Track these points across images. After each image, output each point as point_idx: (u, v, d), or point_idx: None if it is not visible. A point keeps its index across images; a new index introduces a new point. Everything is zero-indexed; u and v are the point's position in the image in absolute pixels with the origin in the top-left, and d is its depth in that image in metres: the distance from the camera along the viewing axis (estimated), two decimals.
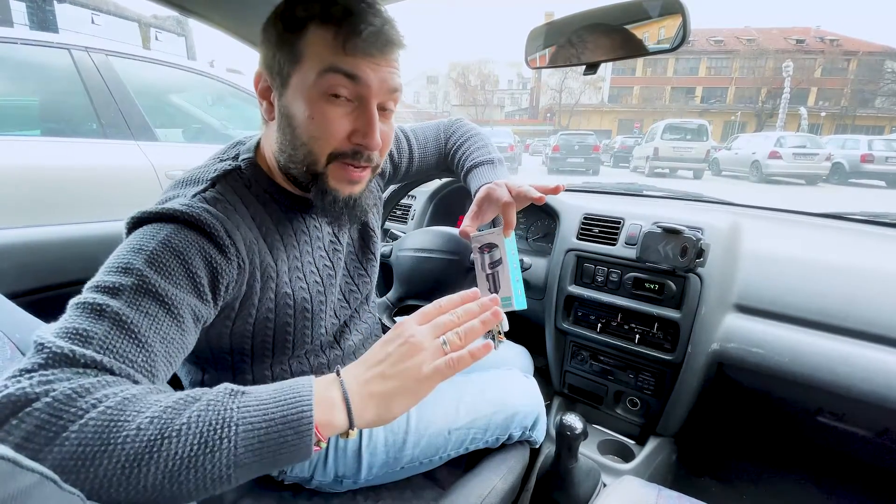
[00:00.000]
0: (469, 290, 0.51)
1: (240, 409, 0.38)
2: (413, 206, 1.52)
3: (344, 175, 0.57)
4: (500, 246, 0.73)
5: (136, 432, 0.35)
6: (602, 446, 1.15)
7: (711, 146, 13.08)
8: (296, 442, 0.38)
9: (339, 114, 0.53)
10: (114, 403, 0.36)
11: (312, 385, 0.41)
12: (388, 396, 0.43)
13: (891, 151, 11.02)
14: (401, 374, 0.43)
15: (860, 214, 1.17)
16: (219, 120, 2.58)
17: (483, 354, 0.45)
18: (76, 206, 1.72)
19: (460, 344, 0.46)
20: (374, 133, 0.55)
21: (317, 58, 0.51)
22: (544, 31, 0.93)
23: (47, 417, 0.34)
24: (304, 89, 0.52)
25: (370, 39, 0.51)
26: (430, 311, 0.48)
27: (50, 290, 1.02)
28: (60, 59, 1.81)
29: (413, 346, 0.44)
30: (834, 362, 0.83)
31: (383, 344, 0.46)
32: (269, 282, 0.58)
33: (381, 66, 0.53)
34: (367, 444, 0.69)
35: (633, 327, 1.06)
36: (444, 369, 0.44)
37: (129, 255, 0.46)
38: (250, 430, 0.37)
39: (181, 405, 0.38)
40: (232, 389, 0.40)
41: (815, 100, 27.27)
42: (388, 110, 0.58)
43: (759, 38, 28.62)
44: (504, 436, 0.80)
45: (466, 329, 0.46)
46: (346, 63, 0.51)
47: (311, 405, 0.39)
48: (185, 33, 11.06)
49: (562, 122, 31.88)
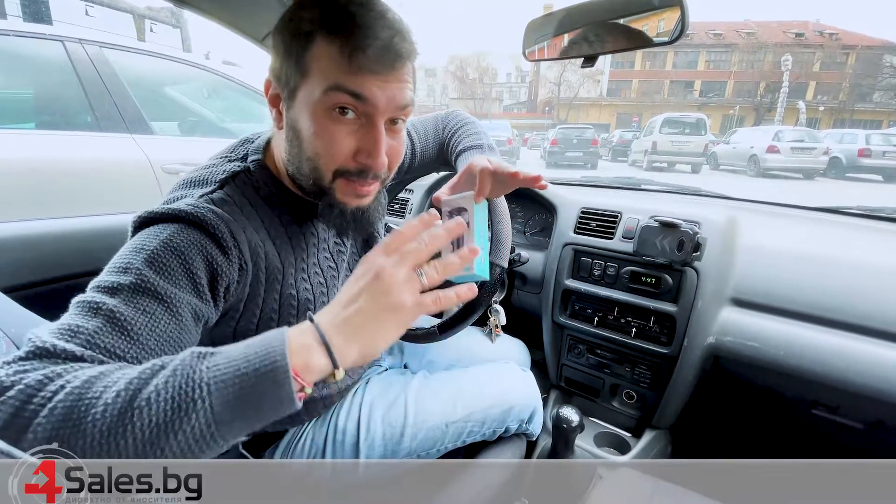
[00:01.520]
0: (425, 213, 0.49)
1: (209, 370, 0.37)
2: (411, 200, 1.51)
3: (350, 190, 0.56)
4: (469, 210, 0.68)
5: (103, 408, 0.34)
6: (598, 439, 1.15)
7: (710, 140, 13.07)
8: (275, 392, 0.37)
9: (344, 132, 0.52)
10: (79, 383, 0.36)
11: (285, 334, 0.40)
12: (369, 331, 0.42)
13: (888, 146, 11.02)
14: (380, 306, 0.42)
15: (856, 209, 1.17)
16: (215, 113, 2.56)
17: (468, 297, 0.45)
18: (71, 200, 1.70)
19: (438, 278, 0.45)
20: (380, 154, 0.53)
21: (322, 74, 0.50)
22: (543, 24, 0.92)
23: (19, 405, 0.34)
24: (309, 104, 0.51)
25: (377, 56, 0.49)
26: (393, 240, 0.46)
27: (46, 285, 1.01)
28: (54, 51, 1.79)
29: (385, 278, 0.43)
30: (828, 355, 0.84)
31: (354, 281, 0.45)
32: (274, 283, 0.58)
33: (390, 83, 0.51)
34: (365, 438, 0.69)
35: (630, 321, 1.07)
36: (430, 305, 0.44)
37: (131, 254, 0.46)
38: (223, 388, 0.36)
39: (147, 374, 0.37)
40: (199, 352, 0.39)
41: (814, 94, 27.23)
42: (397, 124, 0.56)
43: (758, 31, 28.51)
44: (501, 429, 0.81)
45: (445, 263, 0.46)
46: (351, 82, 0.49)
47: (285, 353, 0.38)
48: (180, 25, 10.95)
49: (560, 116, 31.80)
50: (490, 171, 0.68)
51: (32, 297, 0.97)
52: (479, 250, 0.69)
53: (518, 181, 0.66)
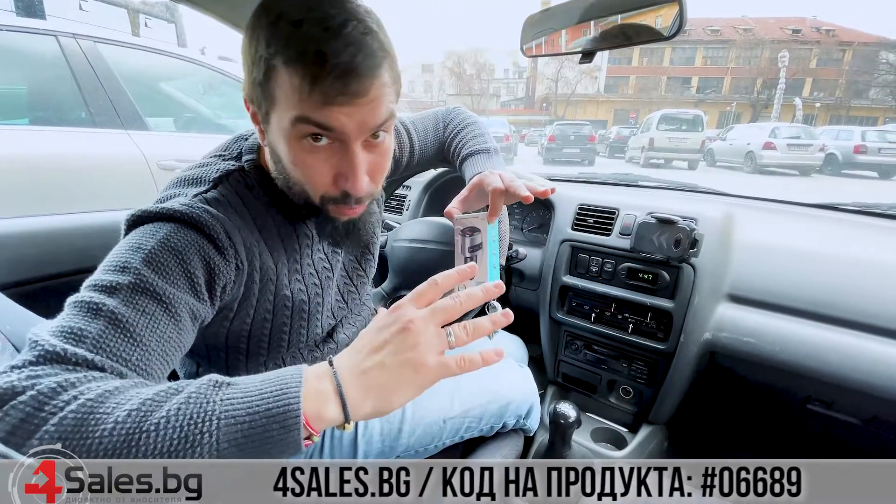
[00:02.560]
0: (465, 266, 0.47)
1: (223, 402, 0.37)
2: (408, 197, 1.51)
3: (338, 211, 0.56)
4: (483, 231, 0.72)
5: (113, 426, 0.34)
6: (595, 434, 1.16)
7: (707, 136, 13.10)
8: (282, 437, 0.37)
9: (320, 160, 0.50)
10: (94, 396, 0.36)
11: (302, 376, 0.39)
12: (387, 388, 0.40)
13: (884, 142, 11.07)
14: (402, 364, 0.41)
15: (852, 205, 1.18)
16: (211, 108, 2.55)
17: (494, 362, 0.43)
18: (66, 196, 1.69)
19: (467, 340, 0.43)
20: (359, 179, 0.50)
21: (287, 104, 0.46)
22: (541, 19, 0.92)
23: (31, 411, 0.34)
24: (283, 133, 0.49)
25: (339, 84, 0.44)
26: (426, 290, 0.45)
27: (41, 282, 1.01)
28: (48, 46, 1.77)
29: (413, 334, 0.41)
30: (823, 351, 0.84)
31: (379, 330, 0.43)
32: (268, 284, 0.58)
33: (358, 108, 0.46)
34: (363, 434, 0.70)
35: (627, 317, 1.07)
36: (454, 368, 0.42)
37: (128, 253, 0.45)
38: (233, 424, 0.36)
39: (161, 397, 0.37)
40: (216, 381, 0.39)
41: (810, 90, 27.27)
42: (379, 138, 0.52)
43: (755, 27, 28.51)
44: (499, 424, 0.81)
45: (475, 326, 0.44)
46: (316, 113, 0.46)
47: (299, 398, 0.37)
48: (175, 20, 10.84)
49: (558, 112, 31.73)
50: (501, 191, 0.70)
51: (28, 293, 0.96)
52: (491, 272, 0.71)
53: (529, 201, 0.68)
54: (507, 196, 0.71)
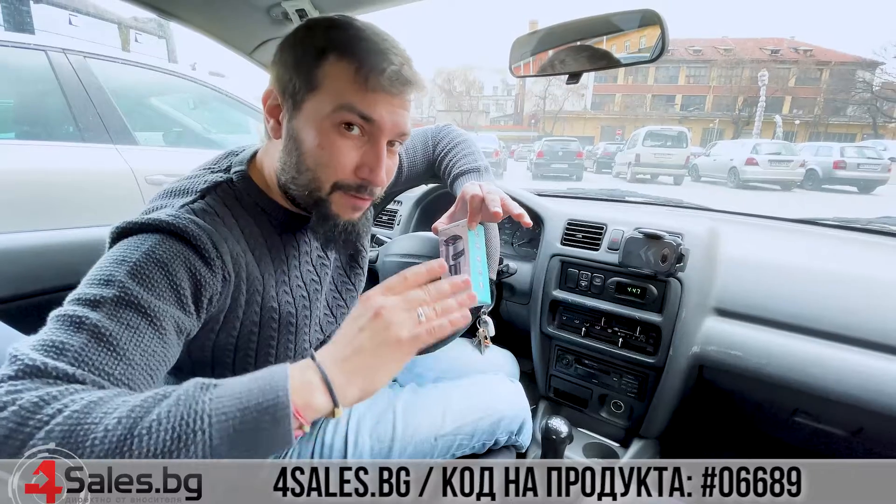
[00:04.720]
0: (434, 262, 0.50)
1: (212, 401, 0.37)
2: (399, 212, 1.52)
3: (347, 202, 0.57)
4: (464, 237, 0.73)
5: (103, 434, 0.34)
6: (587, 449, 1.16)
7: (691, 152, 13.39)
8: (273, 428, 0.37)
9: (348, 146, 0.54)
10: (79, 407, 0.35)
11: (288, 371, 0.40)
12: (369, 369, 0.43)
13: (862, 158, 11.39)
14: (379, 345, 0.43)
15: (833, 220, 1.21)
16: (201, 123, 2.54)
17: (463, 325, 0.46)
18: (52, 211, 1.67)
19: (436, 318, 0.46)
20: (381, 171, 0.55)
21: (335, 91, 0.51)
22: (528, 41, 0.95)
23: (14, 426, 0.34)
24: (317, 118, 0.52)
25: (390, 80, 0.51)
26: (395, 283, 0.47)
27: (25, 299, 0.99)
28: (37, 61, 1.76)
29: (384, 317, 0.44)
30: (808, 364, 0.85)
31: (354, 320, 0.45)
32: (255, 295, 0.57)
33: (396, 108, 0.54)
34: (353, 452, 0.68)
35: (617, 331, 1.08)
36: (425, 336, 0.44)
37: (112, 266, 0.45)
38: (224, 421, 0.37)
39: (150, 403, 0.37)
40: (203, 384, 0.39)
41: (790, 108, 28.07)
42: (394, 146, 0.58)
43: (735, 48, 29.40)
44: (490, 441, 0.80)
45: (443, 305, 0.47)
46: (362, 103, 0.51)
47: (287, 390, 0.38)
48: (165, 36, 10.89)
49: (546, 129, 32.23)
50: (480, 198, 0.72)
51: (11, 311, 0.94)
52: (475, 277, 0.71)
53: (498, 218, 0.70)
54: (485, 203, 0.71)
